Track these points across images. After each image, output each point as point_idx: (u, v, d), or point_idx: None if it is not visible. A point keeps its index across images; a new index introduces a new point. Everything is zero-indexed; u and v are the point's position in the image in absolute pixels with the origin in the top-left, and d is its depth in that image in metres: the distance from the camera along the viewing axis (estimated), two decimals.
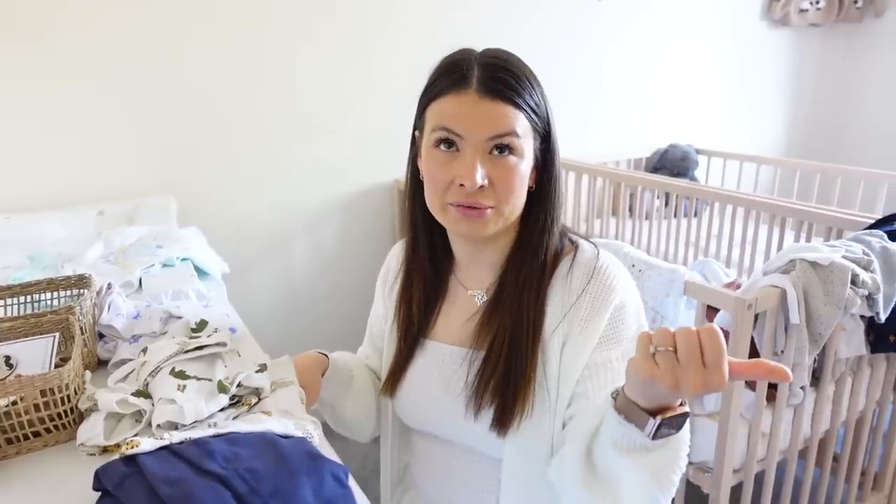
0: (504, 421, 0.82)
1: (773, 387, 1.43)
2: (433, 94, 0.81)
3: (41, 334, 0.93)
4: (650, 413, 0.64)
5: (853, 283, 1.31)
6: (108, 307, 1.08)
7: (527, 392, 0.81)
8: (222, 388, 0.83)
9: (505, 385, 0.82)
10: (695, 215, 2.36)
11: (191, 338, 0.97)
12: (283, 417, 0.80)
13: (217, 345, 0.92)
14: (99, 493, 0.66)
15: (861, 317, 1.44)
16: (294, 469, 0.66)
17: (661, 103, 3.08)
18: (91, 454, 0.77)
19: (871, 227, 1.59)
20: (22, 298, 1.10)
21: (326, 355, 1.01)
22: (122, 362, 0.98)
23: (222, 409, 0.82)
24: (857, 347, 1.46)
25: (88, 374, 0.90)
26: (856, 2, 3.28)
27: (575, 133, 2.83)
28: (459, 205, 0.80)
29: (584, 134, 2.88)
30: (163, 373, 0.85)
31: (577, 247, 0.88)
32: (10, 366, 0.88)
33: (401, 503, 1.04)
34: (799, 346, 1.34)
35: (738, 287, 1.54)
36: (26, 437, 0.79)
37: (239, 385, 0.84)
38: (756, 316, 1.30)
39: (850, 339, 1.45)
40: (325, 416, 1.03)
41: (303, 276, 2.40)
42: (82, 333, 0.94)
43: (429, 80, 0.83)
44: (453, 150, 0.79)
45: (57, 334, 0.93)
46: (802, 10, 3.24)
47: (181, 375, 0.84)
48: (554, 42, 2.69)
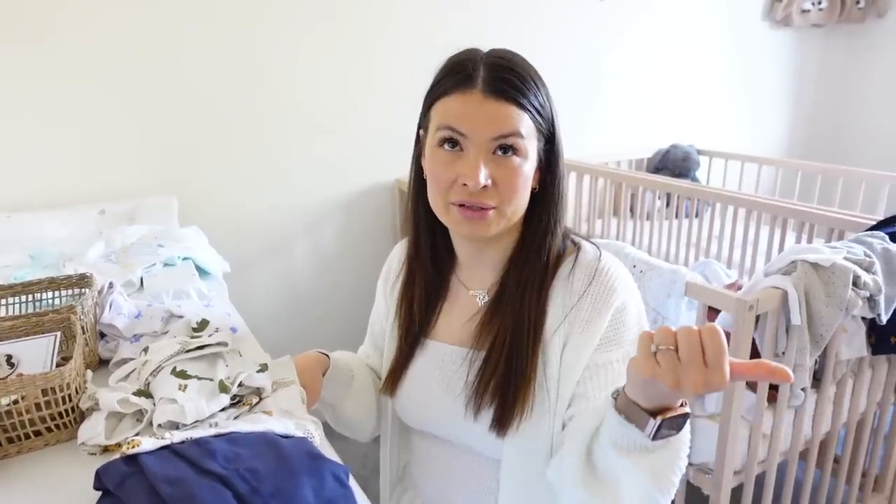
0: (503, 421, 0.82)
1: (774, 388, 1.43)
2: (438, 93, 0.81)
3: (42, 333, 0.93)
4: (651, 413, 0.64)
5: (854, 284, 1.31)
6: (110, 306, 1.08)
7: (527, 393, 0.81)
8: (223, 388, 0.83)
9: (505, 385, 0.82)
10: (696, 216, 2.36)
11: (192, 337, 0.97)
12: (284, 417, 0.80)
13: (218, 344, 0.92)
14: (100, 493, 0.66)
15: (862, 318, 1.44)
16: (295, 469, 0.67)
17: (662, 103, 3.08)
18: (92, 453, 0.77)
19: (873, 228, 1.59)
20: (23, 297, 1.10)
21: (327, 355, 1.01)
22: (124, 361, 0.98)
23: (223, 409, 0.82)
24: (858, 349, 1.46)
25: (90, 373, 0.90)
26: (858, 2, 3.28)
27: (576, 133, 2.83)
28: (462, 205, 0.80)
29: (585, 134, 2.87)
30: (164, 372, 0.85)
31: (578, 248, 0.87)
32: (12, 365, 0.88)
33: (400, 503, 1.04)
34: (800, 347, 1.34)
35: (739, 288, 1.54)
36: (27, 436, 0.79)
37: (240, 385, 0.84)
38: (757, 317, 1.30)
39: (851, 340, 1.45)
40: (325, 416, 1.03)
41: (303, 275, 2.40)
42: (83, 332, 0.94)
43: (434, 80, 0.83)
44: (457, 149, 0.79)
45: (58, 333, 0.93)
46: (804, 11, 3.24)
47: (182, 375, 0.85)
48: (554, 42, 2.69)
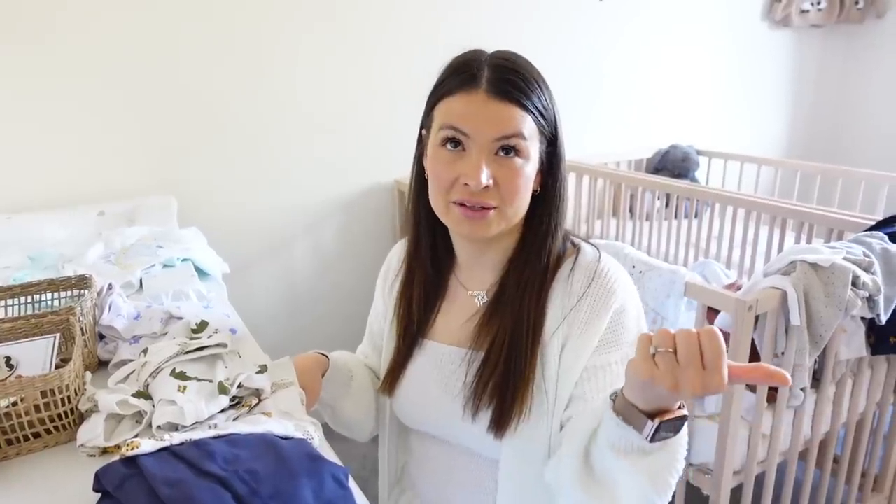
0: (502, 422, 0.82)
1: (773, 388, 1.43)
2: (442, 93, 0.81)
3: (42, 335, 0.93)
4: (649, 415, 0.64)
5: (854, 284, 1.31)
6: (109, 308, 1.08)
7: (525, 394, 0.81)
8: (223, 390, 0.83)
9: (504, 386, 0.82)
10: (695, 216, 2.36)
11: (191, 339, 0.97)
12: (284, 419, 0.80)
13: (217, 346, 0.92)
14: (99, 495, 0.66)
15: (861, 318, 1.44)
16: (294, 470, 0.67)
17: (661, 104, 3.08)
18: (91, 455, 0.77)
19: (872, 228, 1.59)
20: (22, 299, 1.10)
21: (326, 356, 1.01)
22: (123, 363, 0.98)
23: (222, 411, 0.82)
24: (857, 349, 1.46)
25: (89, 374, 0.90)
26: (857, 3, 3.28)
27: (575, 133, 2.83)
28: (462, 204, 0.80)
29: (584, 134, 2.87)
30: (163, 374, 0.85)
31: (578, 249, 0.88)
32: (11, 366, 0.88)
33: (398, 503, 1.04)
34: (799, 347, 1.34)
35: (738, 288, 1.54)
36: (26, 438, 0.79)
37: (239, 386, 0.84)
38: (756, 317, 1.30)
39: (850, 340, 1.45)
40: (324, 417, 1.03)
41: (303, 276, 2.40)
42: (83, 334, 0.94)
43: (438, 79, 0.83)
44: (459, 149, 0.79)
45: (57, 335, 0.93)
46: (803, 11, 3.24)
47: (182, 376, 0.84)
48: (554, 42, 2.69)
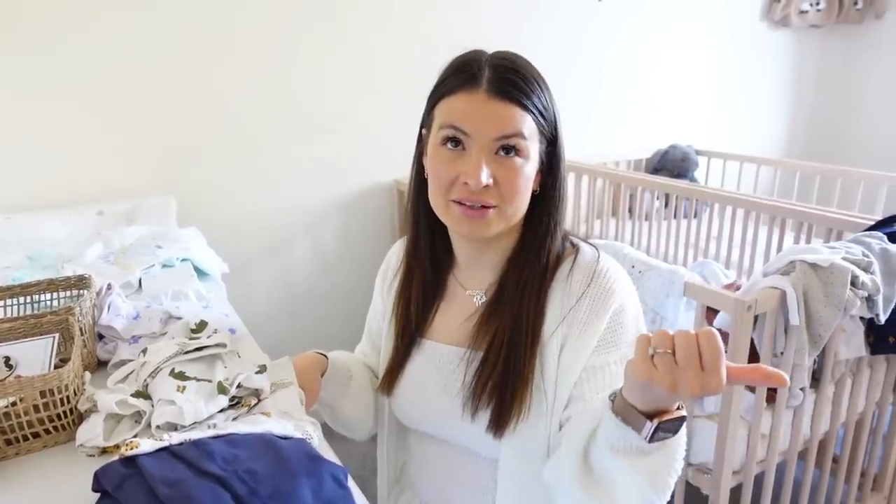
0: (501, 422, 0.82)
1: (772, 388, 1.43)
2: (443, 92, 0.81)
3: (41, 335, 0.93)
4: (647, 416, 0.64)
5: (853, 284, 1.31)
6: (108, 308, 1.08)
7: (524, 394, 0.81)
8: (222, 390, 0.83)
9: (503, 386, 0.82)
10: (694, 216, 2.36)
11: (190, 339, 0.97)
12: (283, 418, 0.80)
13: (217, 346, 0.92)
14: (98, 495, 0.66)
15: (861, 318, 1.44)
16: (293, 470, 0.67)
17: (660, 104, 3.08)
18: (90, 455, 0.77)
19: (871, 228, 1.59)
20: (21, 299, 1.10)
21: (325, 355, 1.01)
22: (122, 363, 0.98)
23: (222, 411, 0.82)
24: (856, 349, 1.46)
25: (88, 374, 0.90)
26: (856, 3, 3.28)
27: (575, 133, 2.83)
28: (462, 203, 0.80)
29: (583, 134, 2.87)
30: (162, 374, 0.85)
31: (577, 249, 0.88)
32: (10, 366, 0.88)
33: (397, 503, 1.04)
34: (799, 347, 1.34)
35: (737, 288, 1.54)
36: (26, 438, 0.79)
37: (239, 386, 0.84)
38: (756, 317, 1.30)
39: (849, 340, 1.46)
40: (323, 416, 1.03)
41: (302, 276, 2.40)
42: (82, 334, 0.94)
43: (439, 79, 0.83)
44: (459, 148, 0.80)
45: (56, 335, 0.93)
46: (802, 12, 3.24)
47: (181, 376, 0.85)
48: (554, 42, 2.69)
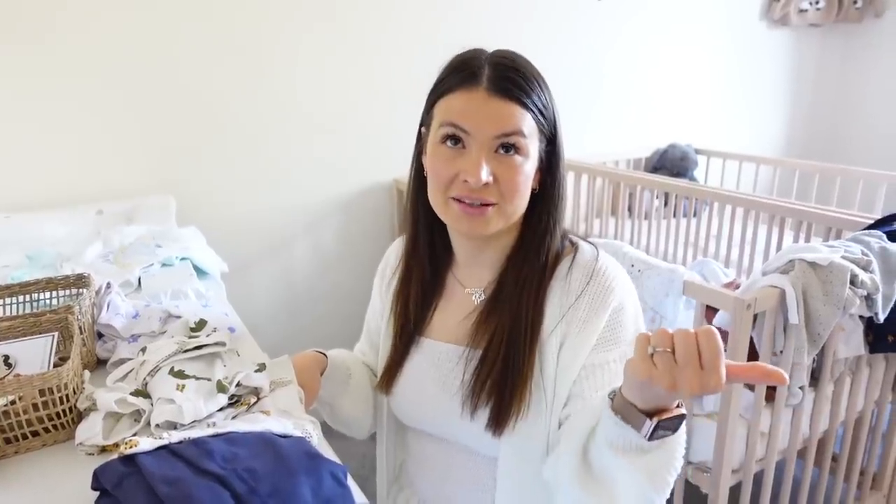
0: (500, 420, 0.82)
1: (772, 387, 1.43)
2: (442, 91, 0.81)
3: (40, 334, 0.93)
4: (647, 414, 0.64)
5: (852, 283, 1.32)
6: (107, 306, 1.08)
7: (524, 392, 0.81)
8: (221, 388, 0.83)
9: (502, 384, 0.82)
10: (694, 215, 2.36)
11: (190, 337, 0.97)
12: (282, 417, 0.80)
13: (216, 344, 0.92)
14: (98, 493, 0.66)
15: (860, 317, 1.44)
16: (293, 469, 0.67)
17: (660, 103, 3.08)
18: (90, 454, 0.77)
19: (870, 227, 1.59)
20: (21, 298, 1.10)
21: (324, 354, 1.01)
22: (121, 362, 0.98)
23: (221, 409, 0.82)
24: (855, 347, 1.46)
25: (87, 373, 0.90)
26: (855, 2, 3.28)
27: (575, 133, 2.83)
28: (461, 201, 0.80)
29: (583, 134, 2.88)
30: (162, 372, 0.85)
31: (576, 248, 0.88)
32: (9, 365, 0.88)
33: (396, 501, 1.04)
34: (798, 346, 1.34)
35: (737, 287, 1.54)
36: (25, 437, 0.79)
37: (238, 385, 0.84)
38: (755, 316, 1.30)
39: (848, 339, 1.46)
40: (323, 415, 1.03)
41: (302, 275, 2.40)
42: (81, 333, 0.94)
43: (439, 77, 0.83)
44: (459, 146, 0.80)
45: (56, 334, 0.93)
46: (802, 11, 3.24)
47: (180, 375, 0.85)
48: (553, 42, 2.69)
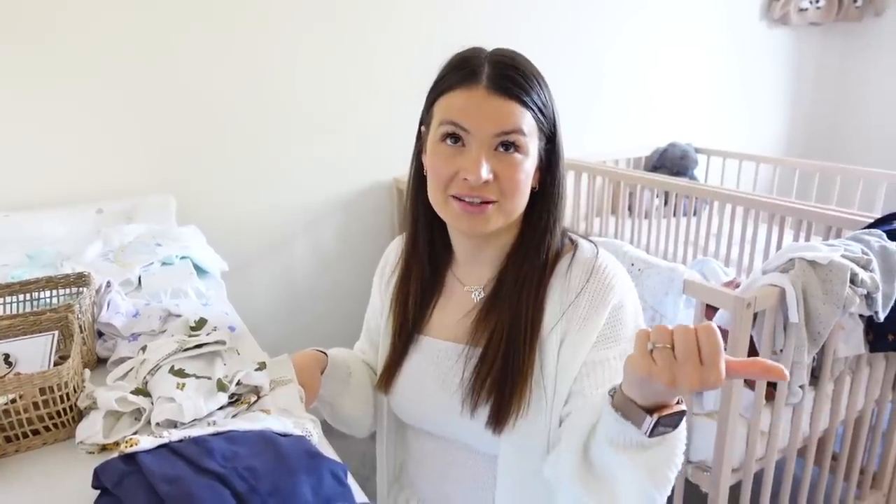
0: (500, 418, 0.82)
1: (772, 386, 1.43)
2: (442, 89, 0.81)
3: (40, 332, 0.93)
4: (647, 411, 0.64)
5: (852, 282, 1.32)
6: (108, 305, 1.08)
7: (524, 390, 0.81)
8: (221, 387, 0.83)
9: (502, 382, 0.82)
10: (694, 214, 2.36)
11: (190, 336, 0.97)
12: (283, 416, 0.80)
13: (216, 343, 0.92)
14: (98, 492, 0.66)
15: (860, 316, 1.44)
16: (293, 467, 0.67)
17: (660, 102, 3.08)
18: (90, 452, 0.77)
19: (870, 226, 1.59)
20: (21, 296, 1.10)
21: (325, 353, 1.01)
22: (122, 360, 0.98)
23: (221, 408, 0.82)
24: (855, 346, 1.46)
25: (87, 372, 0.90)
26: (855, 1, 3.28)
27: (575, 132, 2.83)
28: (461, 199, 0.80)
29: (583, 133, 2.88)
30: (162, 371, 0.85)
31: (576, 246, 0.88)
32: (10, 364, 0.88)
33: (397, 501, 1.04)
34: (798, 344, 1.34)
35: (737, 286, 1.54)
36: (25, 436, 0.79)
37: (238, 383, 0.84)
38: (755, 315, 1.30)
39: (848, 337, 1.46)
40: (323, 413, 1.03)
41: (302, 274, 2.40)
42: (81, 331, 0.94)
43: (438, 76, 0.83)
44: (459, 144, 0.80)
45: (56, 332, 0.93)
46: (802, 10, 3.24)
47: (180, 374, 0.85)
48: (553, 42, 2.69)
